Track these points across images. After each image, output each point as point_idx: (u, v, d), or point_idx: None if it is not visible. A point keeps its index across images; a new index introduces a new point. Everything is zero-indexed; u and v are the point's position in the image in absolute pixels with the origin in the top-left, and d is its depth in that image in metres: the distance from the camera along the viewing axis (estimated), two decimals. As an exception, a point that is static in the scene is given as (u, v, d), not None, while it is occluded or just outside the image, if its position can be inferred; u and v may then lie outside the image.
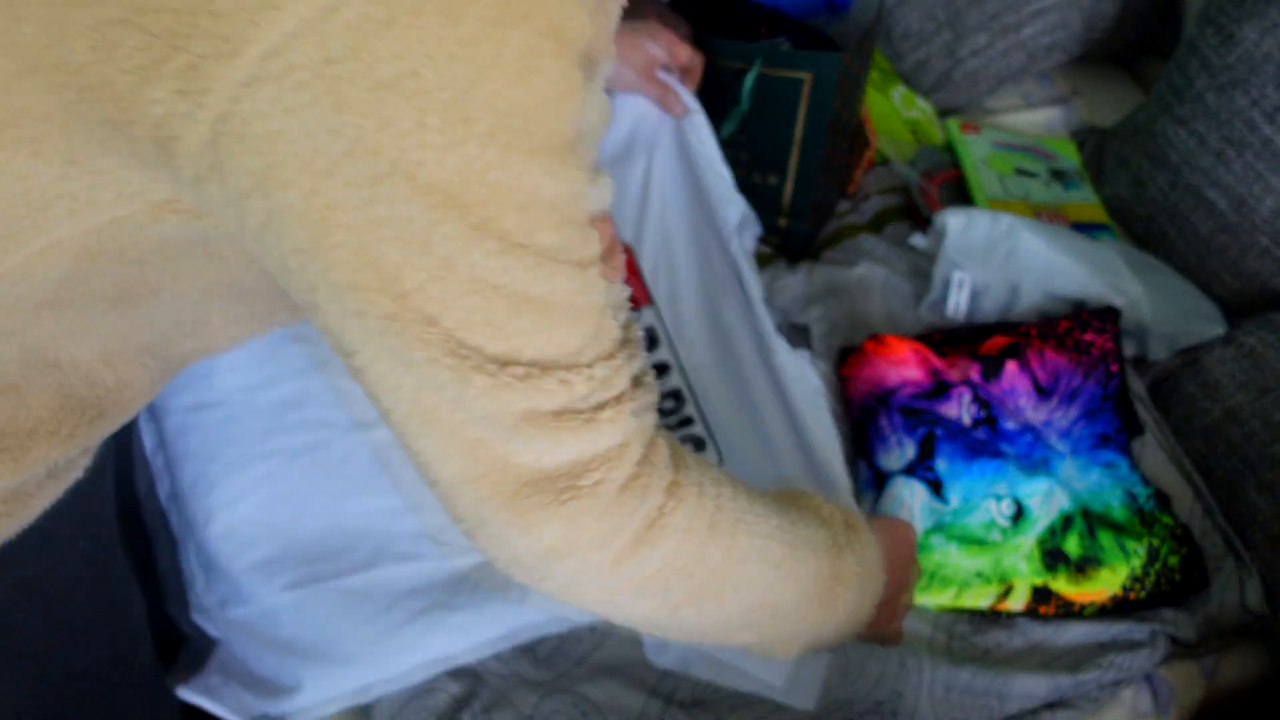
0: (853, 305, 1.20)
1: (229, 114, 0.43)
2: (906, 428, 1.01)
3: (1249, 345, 1.11)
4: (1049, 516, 0.98)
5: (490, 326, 0.47)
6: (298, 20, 0.41)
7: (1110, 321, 1.10)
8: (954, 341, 1.10)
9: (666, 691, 0.87)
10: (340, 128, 0.43)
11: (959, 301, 1.17)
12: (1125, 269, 1.17)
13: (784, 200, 1.22)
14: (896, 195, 1.36)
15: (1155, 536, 0.98)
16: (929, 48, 1.48)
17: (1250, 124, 1.16)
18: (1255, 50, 1.15)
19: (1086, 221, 1.33)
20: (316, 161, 0.43)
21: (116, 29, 0.43)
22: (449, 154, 0.44)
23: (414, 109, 0.43)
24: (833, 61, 1.10)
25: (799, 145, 1.17)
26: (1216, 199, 1.19)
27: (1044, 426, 1.04)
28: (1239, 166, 1.17)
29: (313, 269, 0.46)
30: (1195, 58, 1.22)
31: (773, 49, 1.13)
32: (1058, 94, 1.56)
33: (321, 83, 0.42)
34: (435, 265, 0.46)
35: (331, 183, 0.44)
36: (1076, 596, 0.95)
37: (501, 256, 0.46)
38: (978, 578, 0.95)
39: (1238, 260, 1.19)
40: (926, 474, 0.98)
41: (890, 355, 1.06)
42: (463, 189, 0.44)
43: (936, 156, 1.41)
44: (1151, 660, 0.93)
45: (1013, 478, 0.99)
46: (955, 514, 0.97)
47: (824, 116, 1.13)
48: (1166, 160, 1.25)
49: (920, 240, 1.21)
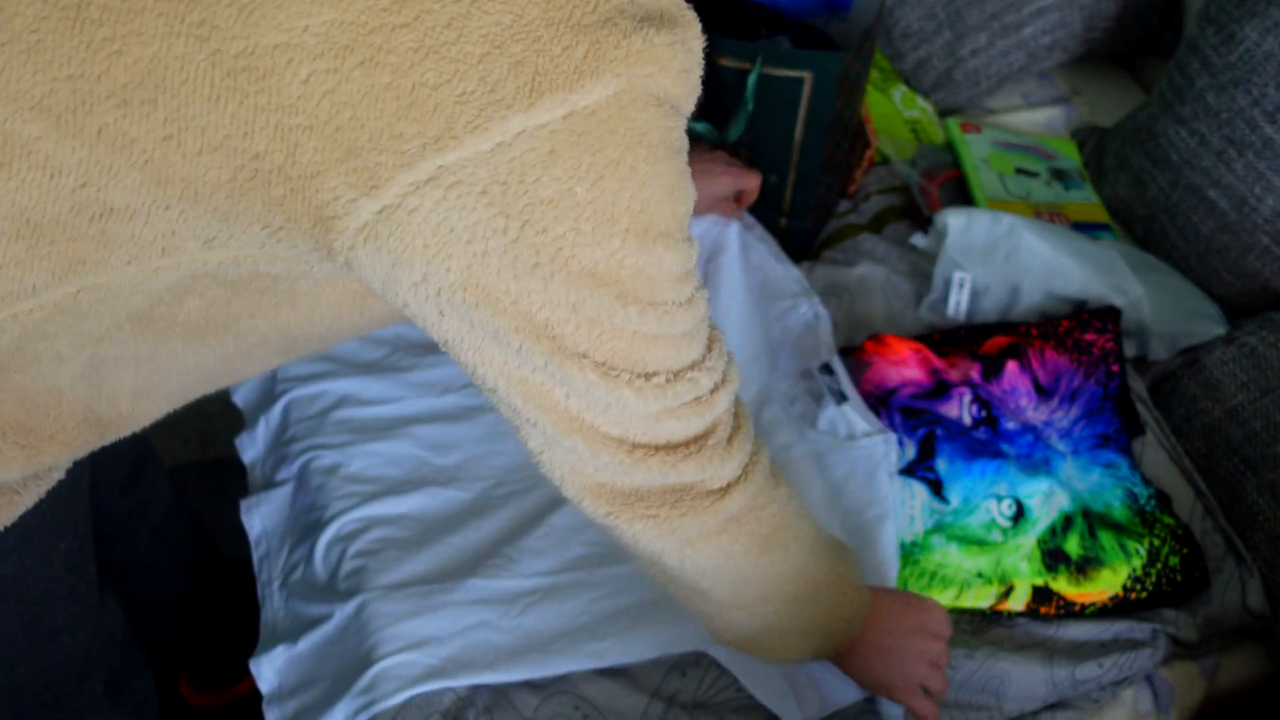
0: (853, 305, 1.20)
1: (395, 206, 0.52)
2: (907, 428, 1.01)
3: (1250, 345, 1.11)
4: (1049, 516, 0.97)
5: (633, 358, 0.59)
6: (474, 152, 0.51)
7: (1111, 321, 1.09)
8: (954, 341, 1.10)
9: (668, 694, 0.87)
10: (504, 228, 0.53)
11: (959, 301, 1.17)
12: (1126, 269, 1.17)
13: (784, 199, 1.22)
14: (897, 195, 1.35)
15: (1156, 537, 0.98)
16: (929, 47, 1.48)
17: (1251, 123, 1.15)
18: (1256, 49, 1.15)
19: (1087, 221, 1.33)
20: (474, 244, 0.53)
21: (301, 134, 0.51)
22: (597, 249, 0.55)
23: (569, 218, 0.53)
24: (834, 61, 1.10)
25: (799, 145, 1.16)
26: (1217, 198, 1.19)
27: (1044, 426, 1.04)
28: (1240, 166, 1.17)
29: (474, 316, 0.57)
30: (1196, 57, 1.22)
31: (773, 48, 1.12)
32: (1058, 94, 1.55)
33: (488, 195, 0.52)
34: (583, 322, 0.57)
35: (490, 262, 0.54)
36: (1077, 597, 0.95)
37: (640, 316, 0.58)
38: (978, 578, 0.95)
39: (1239, 260, 1.19)
40: (927, 474, 0.98)
41: (890, 355, 1.06)
42: (607, 272, 0.56)
43: (937, 156, 1.41)
44: (1152, 660, 0.93)
45: (1013, 478, 0.98)
46: (955, 514, 0.97)
47: (824, 116, 1.13)
48: (1167, 160, 1.25)
49: (920, 240, 1.21)
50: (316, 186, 0.53)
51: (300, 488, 1.03)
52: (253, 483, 1.09)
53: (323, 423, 1.04)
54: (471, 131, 0.51)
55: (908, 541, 0.96)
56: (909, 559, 0.95)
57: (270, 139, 0.52)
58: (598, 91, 0.52)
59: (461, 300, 0.56)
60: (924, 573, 0.95)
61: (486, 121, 0.51)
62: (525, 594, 0.91)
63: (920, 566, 0.95)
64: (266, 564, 1.01)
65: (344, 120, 0.51)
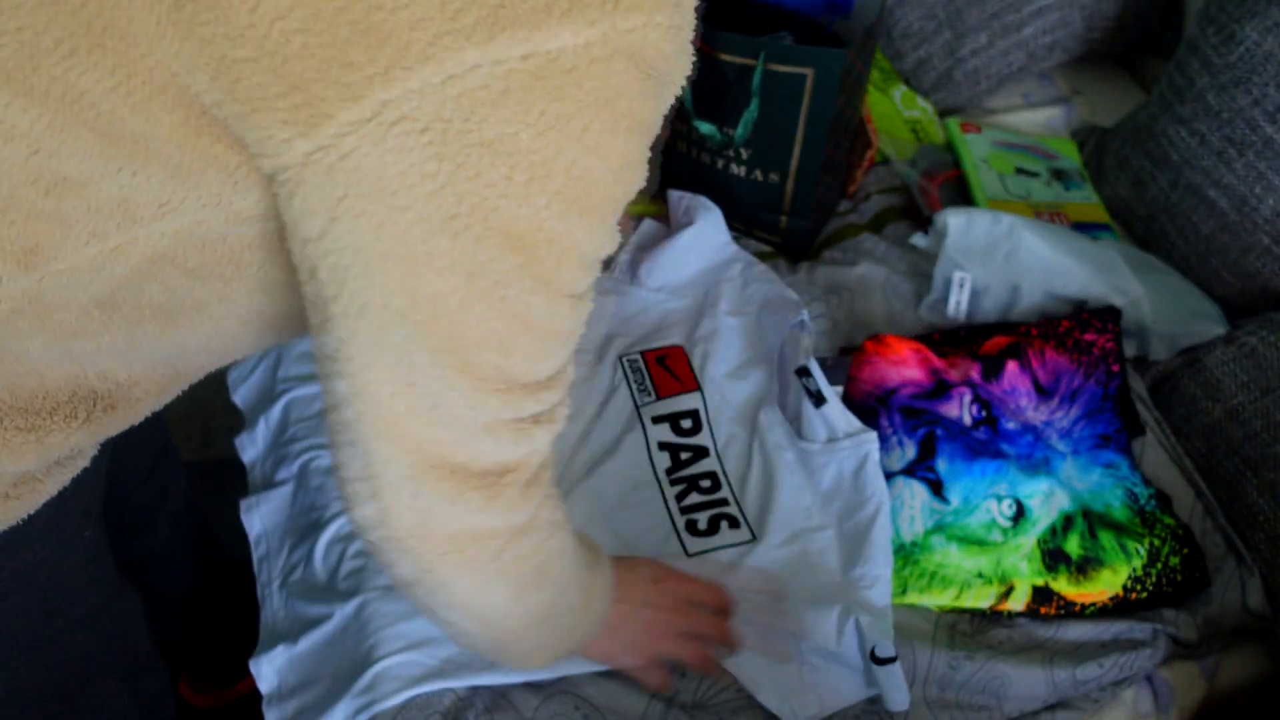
0: (853, 305, 1.20)
1: (329, 148, 0.50)
2: (907, 428, 1.01)
3: (1250, 345, 1.11)
4: (1050, 517, 0.97)
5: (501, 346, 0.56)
6: (422, 82, 0.48)
7: (1111, 321, 1.09)
8: (954, 341, 1.10)
9: (668, 694, 0.87)
10: (435, 172, 0.50)
11: (959, 301, 1.17)
12: (1126, 269, 1.17)
13: (785, 198, 1.22)
14: (897, 195, 1.35)
15: (1156, 537, 0.98)
16: (929, 47, 1.48)
17: (1252, 123, 1.15)
18: (1256, 49, 1.15)
19: (1087, 221, 1.33)
20: (397, 197, 0.51)
21: (244, 67, 0.49)
22: (523, 205, 0.52)
23: (505, 164, 0.50)
24: (836, 58, 1.09)
25: (800, 143, 1.16)
26: (1218, 198, 1.19)
27: (1044, 426, 1.04)
28: (1240, 166, 1.17)
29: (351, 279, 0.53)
30: (1196, 57, 1.22)
31: (776, 44, 1.12)
32: (1058, 93, 1.55)
33: (428, 134, 0.49)
34: (472, 294, 0.53)
35: (404, 217, 0.51)
36: (1077, 597, 0.95)
37: (532, 294, 0.55)
38: (978, 578, 0.95)
39: (1239, 260, 1.19)
40: (927, 474, 0.98)
41: (890, 355, 1.06)
42: (523, 233, 0.53)
43: (937, 156, 1.41)
44: (1152, 660, 0.93)
45: (1013, 478, 0.98)
46: (956, 514, 0.97)
47: (826, 114, 1.13)
48: (1167, 160, 1.25)
49: (921, 240, 1.21)
50: (251, 124, 0.51)
51: (300, 488, 1.03)
52: (253, 483, 1.09)
53: (323, 422, 1.04)
54: (423, 61, 0.48)
55: (908, 542, 0.96)
56: (909, 559, 0.95)
57: (213, 74, 0.50)
58: (566, 36, 0.49)
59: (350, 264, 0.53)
60: (924, 573, 0.95)
61: (441, 51, 0.48)
62: None
63: (920, 566, 0.95)
64: (266, 564, 1.01)
65: (293, 49, 0.49)
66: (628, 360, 1.09)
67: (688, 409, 1.04)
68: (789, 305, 1.11)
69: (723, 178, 1.23)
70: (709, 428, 1.04)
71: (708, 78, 1.16)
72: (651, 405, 1.04)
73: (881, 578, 0.92)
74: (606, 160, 0.53)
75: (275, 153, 0.51)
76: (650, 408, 1.04)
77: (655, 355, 1.09)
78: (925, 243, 1.21)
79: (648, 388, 1.06)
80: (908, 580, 0.94)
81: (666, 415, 1.04)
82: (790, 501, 0.97)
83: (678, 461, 1.01)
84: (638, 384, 1.07)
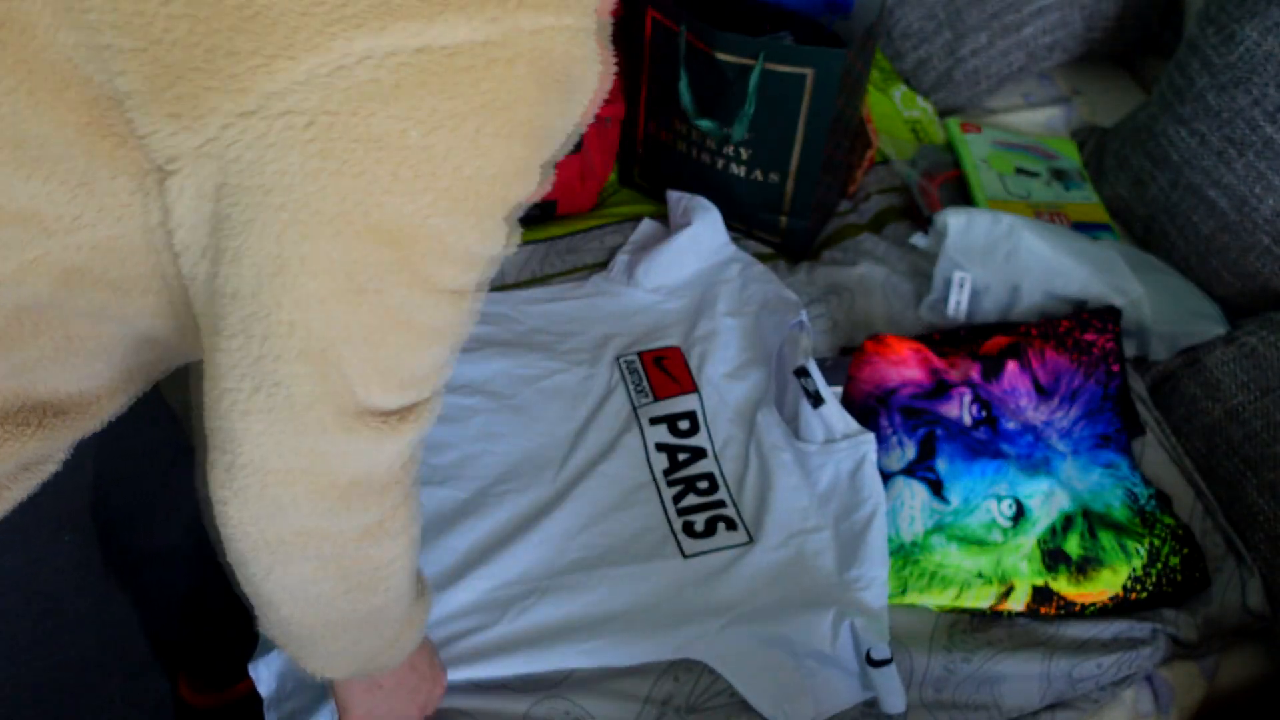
0: (853, 305, 1.20)
1: (215, 139, 0.48)
2: (907, 428, 1.01)
3: (1250, 345, 1.11)
4: (1049, 517, 0.97)
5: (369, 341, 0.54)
6: (309, 72, 0.46)
7: (1111, 321, 1.09)
8: (954, 341, 1.10)
9: (662, 698, 0.87)
10: (317, 170, 0.48)
11: (959, 301, 1.17)
12: (1126, 269, 1.17)
13: (785, 198, 1.22)
14: (897, 195, 1.35)
15: (1156, 537, 0.98)
16: (929, 47, 1.48)
17: (1252, 123, 1.15)
18: (1256, 49, 1.15)
19: (1087, 221, 1.32)
20: (273, 196, 0.48)
21: (127, 58, 0.47)
22: (408, 201, 0.50)
23: (391, 162, 0.48)
24: (836, 58, 1.09)
25: (800, 143, 1.16)
26: (1218, 198, 1.19)
27: (1044, 427, 1.03)
28: (1240, 166, 1.17)
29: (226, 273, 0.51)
30: (1196, 57, 1.22)
31: (776, 44, 1.12)
32: (1058, 93, 1.55)
33: (313, 129, 0.47)
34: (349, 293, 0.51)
35: (278, 217, 0.49)
36: (1077, 597, 0.95)
37: (409, 291, 0.53)
38: (978, 578, 0.95)
39: (1239, 260, 1.19)
40: (927, 474, 0.98)
41: (890, 355, 1.06)
42: (404, 230, 0.50)
43: (937, 156, 1.41)
44: (1152, 660, 0.93)
45: (1013, 478, 0.98)
46: (956, 514, 0.97)
47: (826, 114, 1.13)
48: (1167, 160, 1.25)
49: (921, 240, 1.21)
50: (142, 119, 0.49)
51: None
52: None
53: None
54: (311, 50, 0.46)
55: (908, 542, 0.96)
56: (909, 559, 0.95)
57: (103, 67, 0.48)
58: (463, 32, 0.47)
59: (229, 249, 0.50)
60: (924, 573, 0.95)
61: (329, 40, 0.46)
62: (520, 596, 0.91)
63: (920, 566, 0.95)
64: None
65: (178, 35, 0.47)
66: (625, 361, 1.09)
67: (685, 410, 1.04)
68: (788, 305, 1.11)
69: (722, 178, 1.23)
70: (706, 429, 1.03)
71: (707, 77, 1.15)
72: (649, 406, 1.04)
73: (877, 579, 0.92)
74: (498, 165, 0.51)
75: (164, 148, 0.49)
76: (648, 409, 1.04)
77: (653, 356, 1.09)
78: (925, 243, 1.21)
79: (645, 389, 1.06)
80: (907, 580, 0.94)
81: (664, 416, 1.04)
82: (787, 502, 0.97)
83: (675, 463, 1.01)
84: (635, 385, 1.07)
